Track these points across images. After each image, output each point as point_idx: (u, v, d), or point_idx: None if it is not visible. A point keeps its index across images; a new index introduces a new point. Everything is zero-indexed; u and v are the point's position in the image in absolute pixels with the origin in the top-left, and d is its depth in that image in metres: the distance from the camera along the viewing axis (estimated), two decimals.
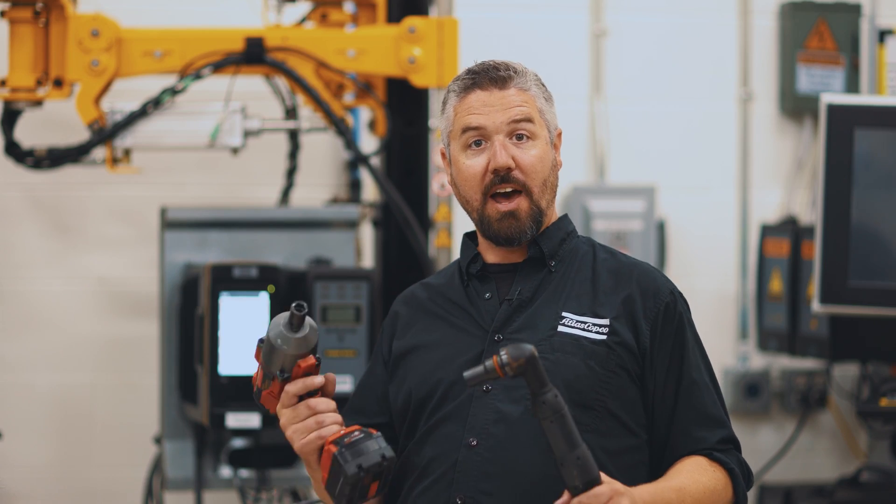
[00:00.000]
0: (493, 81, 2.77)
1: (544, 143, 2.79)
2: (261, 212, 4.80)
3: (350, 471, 2.61)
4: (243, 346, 4.33)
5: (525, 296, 2.79)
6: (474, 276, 2.84)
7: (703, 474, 2.73)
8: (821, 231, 4.71)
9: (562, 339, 2.74)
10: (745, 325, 5.85)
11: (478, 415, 2.72)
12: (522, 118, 2.76)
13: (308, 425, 2.68)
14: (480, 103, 2.77)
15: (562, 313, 2.76)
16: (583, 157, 5.76)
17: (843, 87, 5.78)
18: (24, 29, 4.53)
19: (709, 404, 2.80)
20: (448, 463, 2.72)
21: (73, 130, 4.77)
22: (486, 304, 2.81)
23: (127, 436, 5.35)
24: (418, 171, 4.75)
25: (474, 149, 2.78)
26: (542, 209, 2.79)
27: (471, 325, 2.80)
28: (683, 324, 2.80)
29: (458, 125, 2.79)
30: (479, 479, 2.69)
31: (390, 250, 4.78)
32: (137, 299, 5.37)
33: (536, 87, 2.81)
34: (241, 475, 4.62)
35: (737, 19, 5.84)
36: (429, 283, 2.95)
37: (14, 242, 5.41)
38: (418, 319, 2.87)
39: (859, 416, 5.38)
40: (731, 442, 2.82)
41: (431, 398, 2.77)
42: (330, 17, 4.69)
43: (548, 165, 2.78)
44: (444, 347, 2.80)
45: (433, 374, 2.78)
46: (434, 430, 2.76)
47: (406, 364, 2.85)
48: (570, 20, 5.75)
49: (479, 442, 2.70)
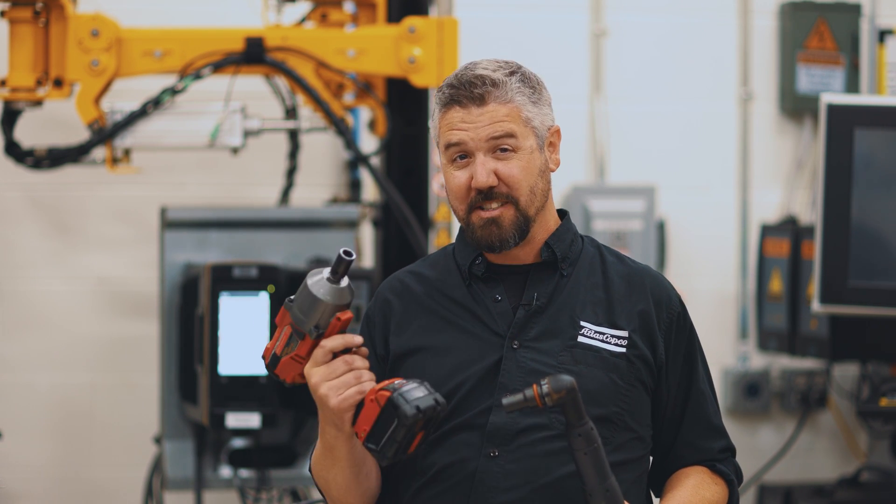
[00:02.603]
0: (470, 99, 2.72)
1: (528, 152, 2.74)
2: (261, 212, 4.80)
3: (409, 411, 2.53)
4: (243, 346, 4.34)
5: (542, 301, 2.75)
6: (478, 276, 2.80)
7: (706, 489, 2.76)
8: (821, 231, 4.71)
9: (583, 350, 2.71)
10: (745, 325, 5.85)
11: (498, 425, 2.68)
12: (502, 134, 2.71)
13: (346, 380, 2.59)
14: (459, 120, 2.73)
15: (580, 322, 2.73)
16: (583, 157, 5.76)
17: (843, 87, 5.78)
18: (24, 29, 4.53)
19: (712, 414, 2.81)
20: (465, 472, 2.68)
21: (73, 130, 4.77)
22: (497, 307, 2.76)
23: (127, 436, 5.35)
24: (418, 171, 4.75)
25: (459, 162, 2.74)
26: (529, 217, 2.74)
27: (481, 329, 2.75)
28: (693, 335, 2.81)
29: (442, 139, 2.77)
30: (498, 492, 2.67)
31: (390, 250, 4.78)
32: (137, 299, 5.38)
33: (520, 94, 2.74)
34: (241, 475, 4.62)
35: (737, 19, 5.84)
36: (420, 273, 2.87)
37: (14, 242, 5.41)
38: (416, 316, 2.82)
39: (859, 416, 5.38)
40: (729, 450, 2.84)
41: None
42: (330, 17, 4.69)
43: (534, 173, 2.74)
44: (456, 353, 2.75)
45: (448, 380, 2.72)
46: (449, 437, 2.71)
47: (411, 367, 2.78)
48: (570, 20, 5.75)
49: (499, 453, 2.68)
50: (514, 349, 2.72)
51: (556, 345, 2.72)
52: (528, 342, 2.73)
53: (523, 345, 2.72)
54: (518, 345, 2.72)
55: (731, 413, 5.80)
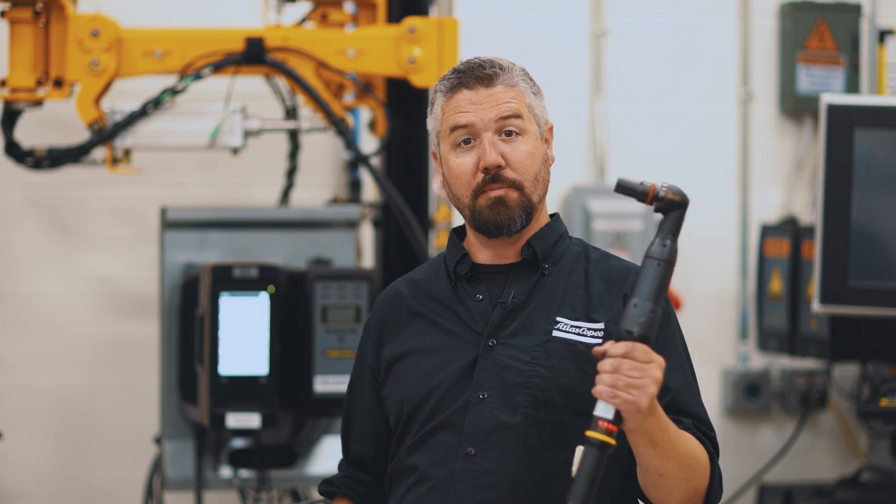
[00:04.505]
0: (479, 80, 2.75)
1: (534, 138, 2.77)
2: (261, 212, 4.80)
3: None
4: (243, 346, 4.34)
5: (519, 299, 2.76)
6: (462, 276, 2.81)
7: (692, 439, 2.68)
8: (821, 231, 4.71)
9: (556, 344, 2.71)
10: (745, 326, 5.85)
11: (475, 423, 2.69)
12: (511, 114, 2.74)
13: None
14: (467, 102, 2.75)
15: (556, 318, 2.73)
16: (583, 157, 5.76)
17: (843, 87, 5.78)
18: (24, 29, 4.53)
19: (692, 403, 2.75)
20: (445, 471, 2.70)
21: (73, 130, 4.77)
22: (478, 306, 2.77)
23: (127, 436, 5.35)
24: (418, 171, 4.75)
25: (463, 147, 2.75)
26: (533, 203, 2.76)
27: (462, 328, 2.77)
28: (672, 331, 2.77)
29: (446, 124, 2.77)
30: (476, 490, 2.67)
31: (390, 250, 4.78)
32: (137, 299, 5.38)
33: (524, 81, 2.79)
34: (241, 475, 4.62)
35: (737, 19, 5.84)
36: (412, 278, 2.90)
37: (14, 242, 5.41)
38: (408, 322, 2.84)
39: (859, 417, 5.38)
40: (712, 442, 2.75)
41: (425, 405, 2.74)
42: (330, 18, 4.69)
43: (538, 160, 2.77)
44: (437, 353, 2.77)
45: (427, 381, 2.75)
46: (429, 438, 2.73)
47: (398, 370, 2.81)
48: (570, 20, 5.75)
49: (476, 451, 2.68)
50: (490, 347, 2.73)
51: (530, 340, 2.72)
52: (504, 339, 2.73)
53: (500, 342, 2.73)
54: (494, 342, 2.73)
55: (731, 413, 5.80)
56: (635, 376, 2.48)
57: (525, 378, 2.70)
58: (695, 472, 2.64)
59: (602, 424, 2.47)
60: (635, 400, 2.48)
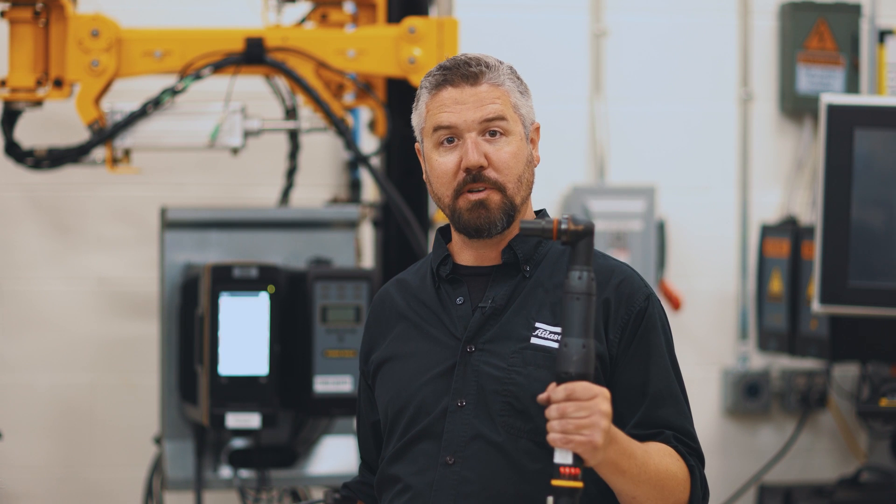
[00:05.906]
0: (464, 78, 2.71)
1: (519, 138, 2.72)
2: (261, 212, 4.80)
3: None
4: (243, 346, 4.34)
5: (498, 304, 2.71)
6: (444, 279, 2.77)
7: (666, 456, 2.64)
8: (821, 231, 4.71)
9: (534, 351, 2.67)
10: (745, 325, 5.85)
11: (453, 431, 2.67)
12: (495, 116, 2.70)
13: None
14: (452, 101, 2.71)
15: (535, 324, 2.69)
16: (583, 157, 5.76)
17: (843, 88, 5.78)
18: (24, 29, 4.53)
19: (673, 414, 2.69)
20: (425, 481, 2.68)
21: (73, 130, 4.77)
22: (458, 309, 2.73)
23: (127, 436, 5.35)
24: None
25: (446, 146, 2.72)
26: (515, 205, 2.71)
27: (443, 333, 2.73)
28: (652, 328, 2.71)
29: (429, 122, 2.74)
30: (456, 498, 2.65)
31: (390, 250, 4.78)
32: (137, 299, 5.38)
33: (510, 80, 2.74)
34: (241, 475, 4.62)
35: (737, 19, 5.85)
36: (404, 279, 2.87)
37: (14, 242, 5.41)
38: (394, 325, 2.81)
39: (859, 417, 5.38)
40: (695, 453, 2.70)
41: (405, 413, 2.72)
42: (330, 18, 4.69)
43: (522, 162, 2.72)
44: (418, 358, 2.74)
45: (406, 387, 2.72)
46: (410, 447, 2.71)
47: (383, 375, 2.79)
48: (570, 20, 5.75)
49: (455, 460, 2.66)
50: (468, 353, 2.70)
51: (509, 346, 2.69)
52: (482, 345, 2.70)
53: (478, 348, 2.70)
54: (473, 348, 2.70)
55: (730, 413, 5.80)
56: (582, 416, 2.46)
57: (502, 385, 2.67)
58: (670, 490, 2.62)
59: (565, 471, 2.47)
60: (589, 440, 2.46)
